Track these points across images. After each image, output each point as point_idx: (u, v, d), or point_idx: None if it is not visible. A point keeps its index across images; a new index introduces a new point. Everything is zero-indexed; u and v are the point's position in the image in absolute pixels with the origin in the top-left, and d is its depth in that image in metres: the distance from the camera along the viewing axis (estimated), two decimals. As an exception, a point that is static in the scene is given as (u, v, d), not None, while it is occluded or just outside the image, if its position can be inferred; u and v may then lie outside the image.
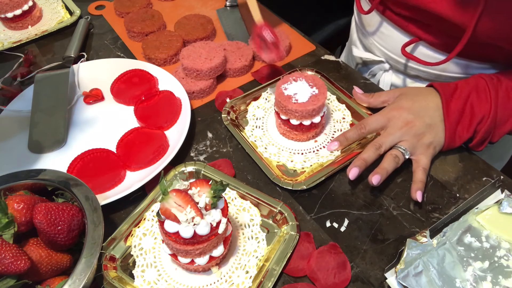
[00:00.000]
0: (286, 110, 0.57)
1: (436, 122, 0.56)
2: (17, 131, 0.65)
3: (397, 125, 0.56)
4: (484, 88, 0.55)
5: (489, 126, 0.55)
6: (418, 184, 0.53)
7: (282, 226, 0.51)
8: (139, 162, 0.58)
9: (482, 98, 0.55)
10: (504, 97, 0.55)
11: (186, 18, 0.83)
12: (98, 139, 0.64)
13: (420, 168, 0.55)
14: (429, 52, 0.65)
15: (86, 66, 0.74)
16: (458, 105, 0.55)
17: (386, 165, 0.54)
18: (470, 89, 0.56)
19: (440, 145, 0.57)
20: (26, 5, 0.83)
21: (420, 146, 0.56)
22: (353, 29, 0.85)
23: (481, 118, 0.55)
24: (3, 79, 0.74)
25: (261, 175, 0.57)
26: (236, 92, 0.70)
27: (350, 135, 0.58)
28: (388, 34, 0.70)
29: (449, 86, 0.57)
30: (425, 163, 0.55)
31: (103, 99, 0.70)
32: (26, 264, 0.40)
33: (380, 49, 0.74)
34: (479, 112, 0.55)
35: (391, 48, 0.71)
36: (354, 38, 0.84)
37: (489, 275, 0.46)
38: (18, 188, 0.48)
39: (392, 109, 0.58)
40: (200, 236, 0.41)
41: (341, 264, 0.48)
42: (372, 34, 0.74)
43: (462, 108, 0.55)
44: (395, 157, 0.54)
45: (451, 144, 0.57)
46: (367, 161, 0.54)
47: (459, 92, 0.56)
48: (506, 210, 0.50)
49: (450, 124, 0.55)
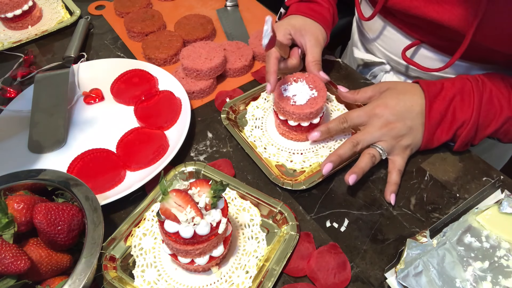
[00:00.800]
0: (284, 112, 0.57)
1: (417, 125, 0.56)
2: (17, 131, 0.64)
3: (378, 124, 0.55)
4: (469, 91, 0.55)
5: (469, 131, 0.55)
6: (393, 186, 0.54)
7: (282, 226, 0.51)
8: (139, 162, 0.58)
9: (466, 102, 0.55)
10: (488, 101, 0.54)
11: (186, 18, 0.83)
12: (98, 139, 0.64)
13: (396, 169, 0.55)
14: (430, 54, 0.65)
15: (86, 66, 0.74)
16: (441, 107, 0.55)
17: (363, 164, 0.54)
18: (455, 91, 0.56)
19: (417, 146, 0.57)
20: (26, 5, 0.83)
21: (398, 148, 0.55)
22: (354, 30, 0.85)
23: (462, 122, 0.55)
24: (3, 79, 0.74)
25: (261, 175, 0.57)
26: (236, 92, 0.70)
27: (332, 126, 0.57)
28: (390, 37, 0.70)
29: (435, 85, 0.57)
30: (401, 164, 0.55)
31: (103, 99, 0.70)
32: (26, 264, 0.40)
33: (382, 51, 0.74)
34: (461, 117, 0.55)
35: (393, 50, 0.71)
36: (355, 39, 0.84)
37: (489, 275, 0.46)
38: (18, 188, 0.48)
39: (376, 106, 0.56)
40: (200, 236, 0.41)
41: (341, 264, 0.48)
42: (374, 36, 0.74)
43: (445, 111, 0.55)
44: (372, 156, 0.54)
45: (428, 145, 0.57)
46: (342, 157, 0.54)
47: (444, 94, 0.56)
48: (506, 210, 0.50)
49: (430, 125, 0.55)
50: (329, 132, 0.58)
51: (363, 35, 0.79)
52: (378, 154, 0.55)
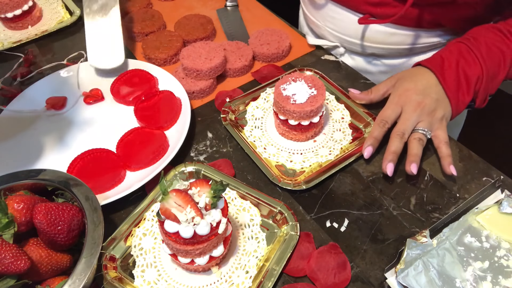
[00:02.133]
0: (284, 111, 0.57)
1: (441, 96, 0.58)
2: (17, 131, 0.65)
3: (411, 108, 0.57)
4: (468, 51, 0.59)
5: (486, 83, 0.58)
6: (448, 158, 0.55)
7: (282, 226, 0.51)
8: (139, 162, 0.58)
9: (470, 61, 0.58)
10: (488, 52, 0.58)
11: (186, 18, 0.83)
12: (98, 139, 0.64)
13: (443, 142, 0.57)
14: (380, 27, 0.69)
15: (86, 66, 0.73)
16: (452, 75, 0.58)
17: (417, 150, 0.56)
18: (456, 56, 0.59)
19: (449, 115, 0.59)
20: (26, 5, 0.83)
21: (436, 122, 0.58)
22: (302, 22, 0.89)
23: (476, 79, 0.58)
24: (3, 79, 0.74)
25: (261, 175, 0.57)
26: (236, 92, 0.70)
27: (377, 134, 0.58)
28: (338, 17, 0.73)
29: (435, 60, 0.60)
30: (445, 137, 0.57)
31: (103, 99, 0.70)
32: (26, 264, 0.40)
33: (333, 33, 0.77)
34: (473, 75, 0.58)
35: (344, 30, 0.74)
36: (305, 30, 0.88)
37: (489, 275, 0.46)
38: (18, 188, 0.48)
39: (400, 95, 0.59)
40: (200, 236, 0.41)
41: (341, 264, 0.48)
42: (323, 21, 0.77)
43: (456, 76, 0.58)
44: (420, 140, 0.56)
45: (458, 111, 0.59)
46: (397, 152, 0.56)
47: (448, 63, 0.59)
48: (506, 210, 0.50)
49: (452, 93, 0.58)
50: (377, 140, 0.58)
51: (312, 23, 0.82)
52: (423, 136, 0.57)
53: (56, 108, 0.69)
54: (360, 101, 0.64)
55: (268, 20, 0.87)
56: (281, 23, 0.85)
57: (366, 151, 0.57)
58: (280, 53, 0.75)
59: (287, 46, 0.76)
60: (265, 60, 0.76)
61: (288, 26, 0.84)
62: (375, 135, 0.58)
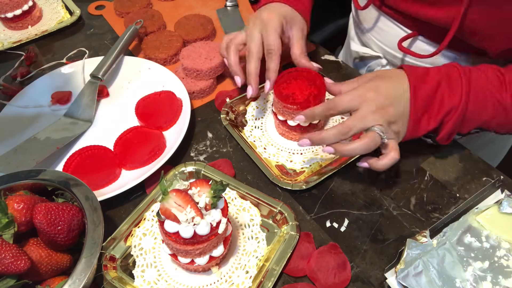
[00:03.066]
0: (284, 112, 0.57)
1: (407, 111, 0.53)
2: (17, 130, 0.65)
3: (371, 108, 0.52)
4: (457, 77, 0.53)
5: (458, 118, 0.52)
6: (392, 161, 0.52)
7: (282, 226, 0.51)
8: (134, 161, 0.59)
9: (453, 88, 0.52)
10: (476, 88, 0.52)
11: (186, 18, 0.83)
12: (98, 135, 0.65)
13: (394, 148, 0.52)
14: (425, 46, 0.65)
15: (91, 62, 0.73)
16: (426, 93, 0.53)
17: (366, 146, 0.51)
18: (441, 77, 0.53)
19: (403, 134, 0.54)
20: (26, 5, 0.83)
21: (391, 132, 0.53)
22: (351, 25, 0.86)
23: (449, 109, 0.52)
24: (4, 77, 0.74)
25: (261, 175, 0.57)
26: (236, 92, 0.70)
27: (318, 112, 0.53)
28: (385, 29, 0.70)
29: (418, 71, 0.55)
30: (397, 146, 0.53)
31: (107, 95, 0.71)
32: (26, 264, 0.40)
33: (378, 44, 0.74)
34: (448, 103, 0.52)
35: (388, 43, 0.71)
36: (352, 33, 0.84)
37: (489, 275, 0.46)
38: (18, 188, 0.48)
39: (369, 90, 0.53)
40: (200, 236, 0.41)
41: (341, 264, 0.48)
42: (369, 29, 0.75)
43: (430, 97, 0.53)
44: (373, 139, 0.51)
45: (414, 134, 0.54)
46: (324, 141, 0.52)
47: (430, 79, 0.53)
48: (506, 210, 0.50)
49: (416, 111, 0.53)
50: (314, 118, 0.54)
51: (359, 28, 0.79)
52: (379, 137, 0.52)
53: (61, 102, 0.69)
54: (330, 91, 0.58)
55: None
56: (281, 23, 0.85)
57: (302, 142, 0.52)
58: (280, 53, 0.75)
59: (287, 46, 0.76)
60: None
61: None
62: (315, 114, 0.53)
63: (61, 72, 0.73)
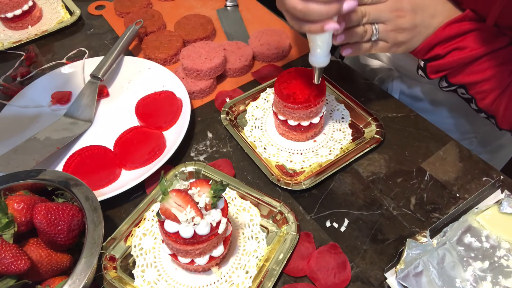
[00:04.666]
0: (284, 111, 0.57)
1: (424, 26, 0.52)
2: (17, 130, 0.65)
3: (390, 6, 0.51)
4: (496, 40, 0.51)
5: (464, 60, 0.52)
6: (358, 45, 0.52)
7: (282, 226, 0.51)
8: (134, 161, 0.59)
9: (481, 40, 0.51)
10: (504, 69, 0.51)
11: (186, 18, 0.83)
12: (98, 135, 0.65)
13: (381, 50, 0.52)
14: None
15: (91, 63, 0.73)
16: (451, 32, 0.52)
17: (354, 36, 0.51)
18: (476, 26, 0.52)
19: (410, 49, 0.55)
20: (26, 5, 0.83)
21: (392, 39, 0.53)
22: None
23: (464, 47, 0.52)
24: (4, 77, 0.74)
25: (261, 175, 0.57)
26: (236, 92, 0.70)
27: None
28: None
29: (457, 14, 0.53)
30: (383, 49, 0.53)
31: (107, 95, 0.71)
32: (26, 264, 0.40)
33: (389, 56, 0.73)
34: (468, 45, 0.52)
35: (400, 56, 0.70)
36: None
37: (489, 275, 0.46)
38: (18, 188, 0.48)
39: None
40: (200, 236, 0.41)
41: (341, 264, 0.48)
42: None
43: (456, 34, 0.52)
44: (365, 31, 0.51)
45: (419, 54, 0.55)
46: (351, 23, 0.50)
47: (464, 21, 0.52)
48: (506, 210, 0.50)
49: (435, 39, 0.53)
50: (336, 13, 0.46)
51: None
52: (370, 33, 0.51)
53: (61, 102, 0.69)
54: None
55: (268, 20, 0.87)
56: (281, 23, 0.85)
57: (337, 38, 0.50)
58: (280, 53, 0.75)
59: (287, 46, 0.76)
60: (265, 60, 0.76)
61: (288, 26, 0.84)
62: None
63: (61, 72, 0.73)
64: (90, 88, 0.69)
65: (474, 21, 0.52)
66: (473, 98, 0.57)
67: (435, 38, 0.53)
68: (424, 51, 0.55)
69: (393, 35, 0.52)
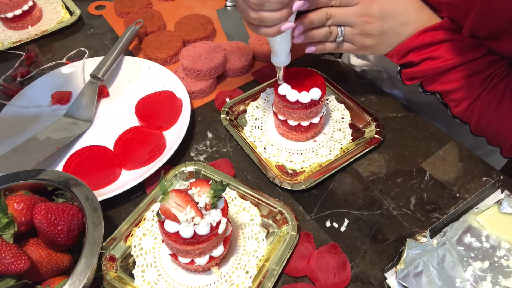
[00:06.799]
0: (284, 111, 0.57)
1: (392, 33, 0.52)
2: (17, 130, 0.65)
3: (358, 11, 0.51)
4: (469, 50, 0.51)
5: (436, 70, 0.52)
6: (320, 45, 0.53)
7: (282, 226, 0.51)
8: (134, 161, 0.59)
9: (455, 51, 0.51)
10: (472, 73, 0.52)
11: (186, 18, 0.83)
12: (98, 135, 0.65)
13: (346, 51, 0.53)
14: None
15: (91, 63, 0.73)
16: (427, 40, 0.52)
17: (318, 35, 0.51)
18: (450, 37, 0.52)
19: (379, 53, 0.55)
20: (26, 5, 0.83)
21: (358, 42, 0.53)
22: None
23: (437, 57, 0.52)
24: (4, 77, 0.74)
25: (261, 175, 0.57)
26: (236, 92, 0.70)
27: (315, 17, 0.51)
28: None
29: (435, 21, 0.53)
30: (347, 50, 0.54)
31: (107, 95, 0.71)
32: (26, 264, 0.40)
33: (376, 57, 0.73)
34: (441, 55, 0.52)
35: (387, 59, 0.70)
36: None
37: (489, 275, 0.46)
38: (18, 188, 0.48)
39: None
40: (200, 236, 0.41)
41: (341, 264, 0.48)
42: None
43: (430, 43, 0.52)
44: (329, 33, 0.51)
45: (393, 57, 0.56)
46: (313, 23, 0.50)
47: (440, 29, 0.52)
48: (506, 210, 0.50)
49: (406, 46, 0.53)
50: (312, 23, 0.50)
51: None
52: (335, 34, 0.52)
53: (61, 102, 0.69)
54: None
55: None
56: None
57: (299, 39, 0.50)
58: (280, 53, 0.75)
59: (287, 46, 0.76)
60: (265, 60, 0.76)
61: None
62: None
63: (61, 72, 0.73)
64: (90, 88, 0.69)
65: (450, 30, 0.53)
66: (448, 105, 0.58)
67: (409, 44, 0.54)
68: (399, 56, 0.55)
69: (360, 39, 0.53)
